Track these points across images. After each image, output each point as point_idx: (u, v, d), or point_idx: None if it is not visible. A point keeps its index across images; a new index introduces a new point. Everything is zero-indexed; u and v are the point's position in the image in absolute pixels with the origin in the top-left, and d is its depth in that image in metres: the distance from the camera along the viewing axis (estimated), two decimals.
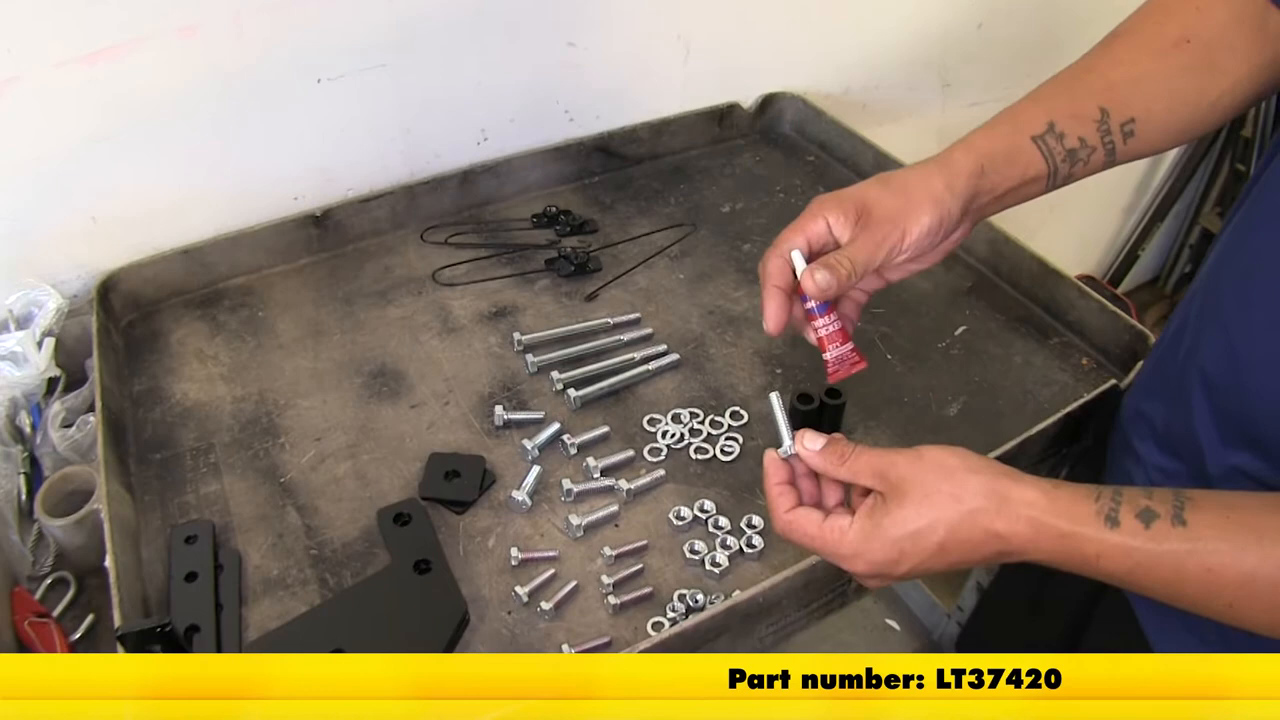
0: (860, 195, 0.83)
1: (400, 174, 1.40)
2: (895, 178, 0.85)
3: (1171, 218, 2.92)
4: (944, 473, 0.72)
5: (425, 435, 1.09)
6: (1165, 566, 0.67)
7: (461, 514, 1.00)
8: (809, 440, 0.78)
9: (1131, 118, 0.86)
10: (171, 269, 1.25)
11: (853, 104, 1.81)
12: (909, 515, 0.71)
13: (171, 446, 1.07)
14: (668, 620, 0.90)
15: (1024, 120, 0.86)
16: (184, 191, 1.26)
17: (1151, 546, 0.67)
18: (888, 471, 0.73)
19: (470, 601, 0.92)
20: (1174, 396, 0.89)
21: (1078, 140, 0.85)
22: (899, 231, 0.81)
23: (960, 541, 0.71)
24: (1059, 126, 0.84)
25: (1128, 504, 0.68)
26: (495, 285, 1.29)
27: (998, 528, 0.70)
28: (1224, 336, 0.81)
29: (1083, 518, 0.69)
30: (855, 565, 0.75)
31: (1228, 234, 0.87)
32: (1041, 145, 0.84)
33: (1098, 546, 0.68)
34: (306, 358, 1.18)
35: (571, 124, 1.51)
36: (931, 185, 0.82)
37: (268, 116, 1.26)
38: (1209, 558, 0.66)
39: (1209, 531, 0.66)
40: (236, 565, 0.95)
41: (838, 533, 0.74)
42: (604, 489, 1.02)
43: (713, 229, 1.42)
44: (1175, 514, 0.67)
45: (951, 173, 0.83)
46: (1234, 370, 0.80)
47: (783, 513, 0.77)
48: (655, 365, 1.16)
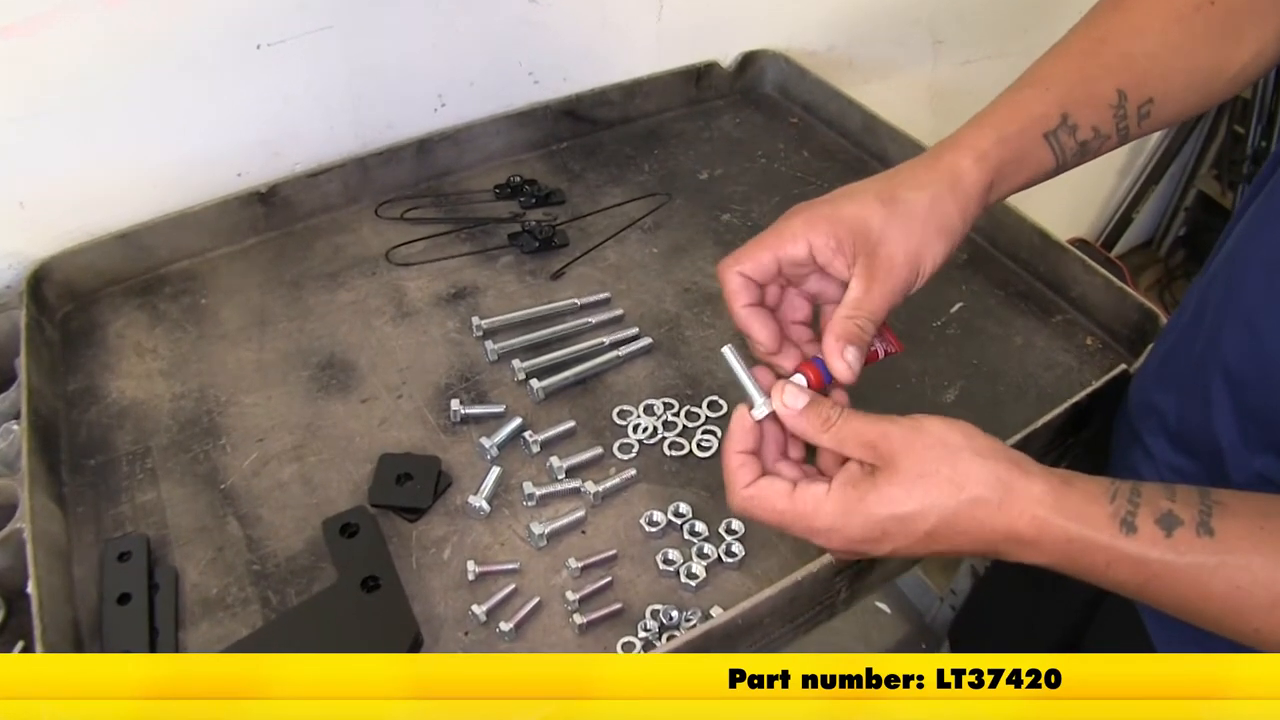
0: (857, 220, 0.70)
1: (351, 145, 1.31)
2: (900, 199, 0.71)
3: (1166, 180, 2.86)
4: (945, 452, 0.63)
5: (376, 433, 1.01)
6: (1186, 582, 0.59)
7: (414, 521, 0.92)
8: (790, 395, 0.67)
9: (1149, 98, 0.76)
10: (108, 255, 1.16)
11: (838, 62, 1.72)
12: (898, 495, 0.62)
13: (107, 451, 0.99)
14: (639, 640, 0.83)
15: (1036, 113, 0.75)
16: (118, 172, 1.17)
17: (1172, 558, 0.59)
18: (879, 443, 0.64)
19: (424, 621, 0.84)
20: (1190, 389, 0.80)
21: (1091, 131, 0.75)
22: (914, 274, 0.70)
23: (953, 533, 0.63)
24: (1073, 118, 0.75)
25: (1147, 506, 0.60)
26: (454, 264, 1.21)
27: (997, 523, 0.62)
28: (1249, 329, 0.73)
29: (1094, 520, 0.60)
30: (830, 540, 0.65)
31: (1251, 216, 0.78)
32: (1053, 142, 0.75)
33: (1109, 555, 0.60)
34: (251, 349, 1.10)
35: (536, 86, 1.41)
36: (943, 212, 0.71)
37: (204, 88, 1.17)
38: (1238, 574, 0.58)
39: (1240, 544, 0.58)
40: (173, 584, 0.87)
41: (811, 503, 0.64)
42: (569, 491, 0.94)
43: (689, 198, 1.33)
44: (1201, 521, 0.59)
45: (965, 195, 0.72)
46: (1261, 366, 0.72)
47: (741, 488, 0.67)
48: (626, 350, 1.08)
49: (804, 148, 1.43)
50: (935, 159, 0.74)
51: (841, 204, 0.71)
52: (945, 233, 0.71)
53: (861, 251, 0.70)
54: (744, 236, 1.24)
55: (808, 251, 0.70)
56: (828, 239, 0.70)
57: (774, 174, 1.38)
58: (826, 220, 0.70)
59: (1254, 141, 2.60)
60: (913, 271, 0.70)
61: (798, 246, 0.70)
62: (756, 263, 0.71)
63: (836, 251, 0.70)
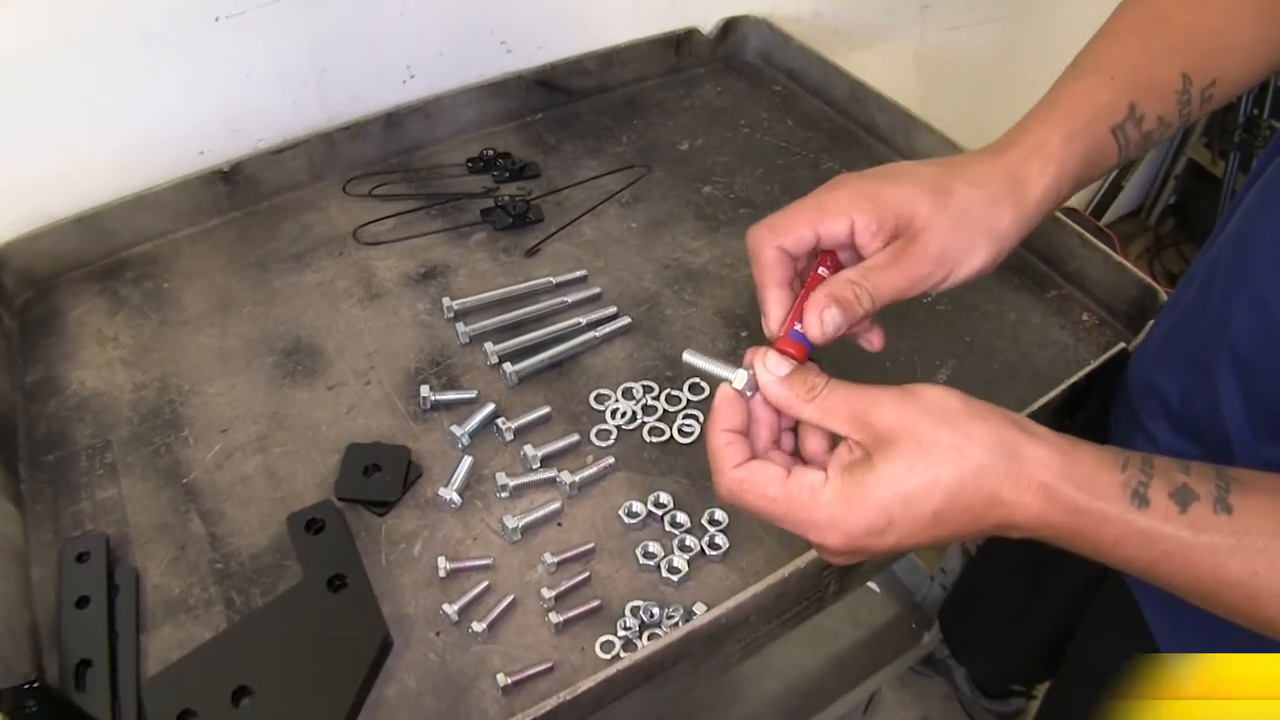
0: (904, 205, 0.65)
1: (317, 120, 1.26)
2: (954, 191, 0.65)
3: (1156, 148, 2.80)
4: (943, 417, 0.57)
5: (344, 421, 0.97)
6: (1200, 563, 0.55)
7: (383, 515, 0.89)
8: (773, 362, 0.61)
9: (1213, 80, 0.71)
10: (67, 239, 1.12)
11: (823, 28, 1.67)
12: (899, 471, 0.56)
13: (66, 445, 0.95)
14: (618, 639, 0.79)
15: (1104, 105, 0.69)
16: (75, 152, 1.13)
17: (1186, 535, 0.54)
18: (869, 414, 0.58)
19: (393, 622, 0.80)
20: (1195, 371, 0.76)
21: (1156, 120, 0.70)
22: (943, 274, 0.65)
23: (960, 509, 0.57)
24: (1140, 108, 0.69)
25: (1160, 478, 0.55)
26: (424, 242, 1.16)
27: (1004, 493, 0.56)
28: (1261, 310, 0.68)
29: (1105, 490, 0.55)
30: (828, 538, 0.58)
31: (1259, 190, 0.73)
32: (1120, 136, 0.69)
33: (1119, 529, 0.55)
34: (214, 335, 1.06)
35: (509, 56, 1.37)
36: (998, 220, 0.66)
37: (161, 62, 1.12)
38: (1256, 558, 0.53)
39: (1260, 524, 0.54)
40: (134, 586, 0.84)
41: (808, 493, 0.58)
42: (545, 482, 0.90)
43: (669, 170, 1.28)
44: (1219, 497, 0.54)
45: (1025, 201, 0.67)
46: (1273, 352, 0.67)
47: (730, 468, 0.60)
48: (604, 331, 1.03)
49: (788, 117, 1.39)
50: (1000, 154, 0.68)
51: (890, 185, 0.66)
52: (993, 238, 0.66)
53: (899, 236, 0.65)
54: (726, 209, 1.21)
55: (849, 230, 0.65)
56: (870, 220, 0.65)
57: (757, 144, 1.33)
58: (872, 201, 0.65)
59: (1246, 109, 2.55)
60: (942, 270, 0.65)
61: (839, 224, 0.65)
62: (797, 237, 0.65)
63: (876, 234, 0.65)
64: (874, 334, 0.71)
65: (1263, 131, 2.52)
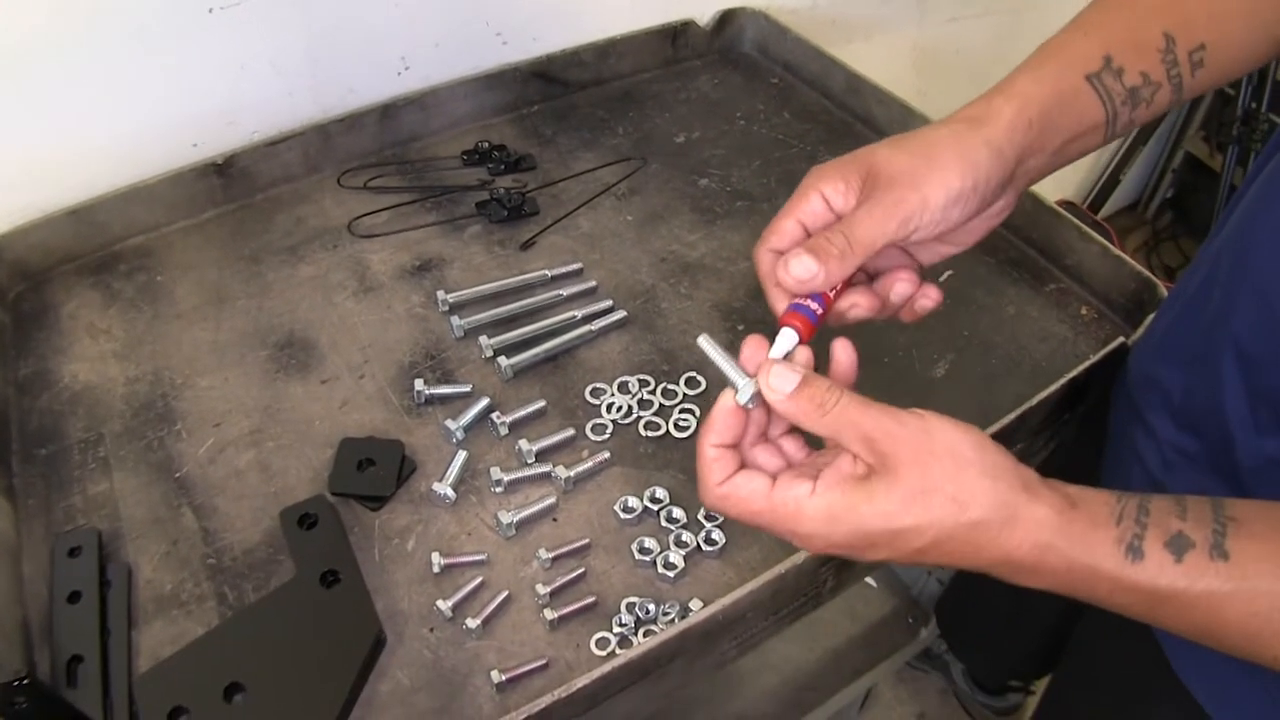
0: (865, 158, 0.66)
1: (311, 112, 1.25)
2: (914, 136, 0.67)
3: (1154, 141, 2.82)
4: (953, 467, 0.56)
5: (337, 416, 0.96)
6: (1199, 610, 0.54)
7: (377, 510, 0.88)
8: (777, 378, 0.60)
9: (1201, 43, 0.70)
10: (60, 232, 1.11)
11: (820, 20, 1.66)
12: (895, 510, 0.56)
13: (58, 440, 0.95)
14: (614, 635, 0.78)
15: (1074, 55, 0.69)
16: (68, 145, 1.12)
17: (1183, 585, 0.54)
18: (880, 441, 0.57)
19: (387, 618, 0.80)
20: (1197, 364, 0.75)
21: (1139, 76, 0.69)
22: (916, 197, 0.63)
23: (946, 552, 0.57)
24: (1116, 61, 0.68)
25: (1155, 528, 0.55)
26: (419, 235, 1.16)
27: (994, 549, 0.56)
28: (1264, 303, 0.67)
29: (1098, 546, 0.55)
30: (811, 544, 0.59)
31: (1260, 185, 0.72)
32: (1098, 85, 0.68)
33: (1113, 584, 0.55)
34: (207, 328, 1.05)
35: (505, 47, 1.35)
36: (964, 142, 0.65)
37: (155, 54, 1.11)
38: (1256, 602, 0.53)
39: (1257, 567, 0.53)
40: (125, 581, 0.83)
41: (793, 505, 0.58)
42: (540, 476, 0.89)
43: (665, 162, 1.27)
44: (1215, 543, 0.54)
45: (991, 127, 0.65)
46: (1277, 344, 0.67)
47: (714, 485, 0.60)
48: (599, 325, 1.03)
49: (785, 109, 1.38)
50: (962, 109, 0.68)
51: (853, 153, 0.67)
52: (961, 160, 0.65)
53: (866, 185, 0.65)
54: (723, 202, 1.20)
55: (823, 202, 0.66)
56: (836, 183, 0.65)
57: (754, 136, 1.33)
58: (835, 167, 0.66)
59: (1244, 103, 2.54)
60: (912, 194, 0.64)
61: (810, 200, 0.66)
62: (781, 233, 0.67)
63: (846, 194, 0.65)
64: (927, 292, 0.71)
65: (1261, 125, 2.51)
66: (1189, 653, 0.85)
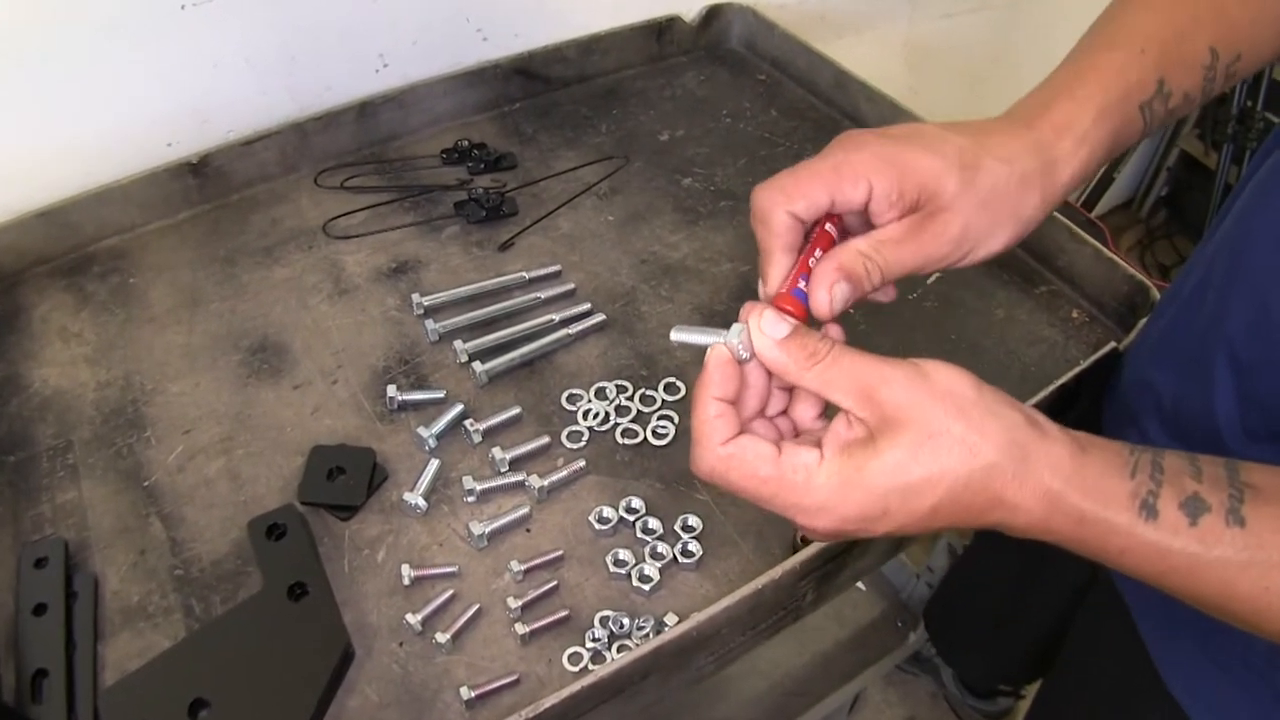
0: (931, 177, 0.60)
1: (288, 110, 1.23)
2: (983, 174, 0.61)
3: (1148, 139, 2.75)
4: (956, 405, 0.53)
5: (309, 422, 0.94)
6: (1210, 578, 0.52)
7: (347, 520, 0.86)
8: (769, 322, 0.55)
9: (1239, 54, 0.68)
10: (31, 234, 1.09)
11: (809, 15, 1.63)
12: (903, 460, 0.52)
13: (27, 446, 0.93)
14: (586, 650, 0.77)
15: (1134, 83, 0.66)
16: (39, 145, 1.10)
17: (1197, 550, 0.51)
18: (877, 390, 0.53)
19: (356, 631, 0.78)
20: (1190, 368, 0.74)
21: (1182, 97, 0.67)
22: (961, 254, 0.61)
23: (960, 506, 0.53)
24: (1168, 85, 0.66)
25: (1170, 485, 0.52)
26: (395, 236, 1.14)
27: (1008, 495, 0.52)
28: (1259, 306, 0.66)
29: (1112, 498, 0.52)
30: (816, 521, 0.54)
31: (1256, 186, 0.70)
32: (1146, 113, 0.66)
33: (1126, 540, 0.52)
34: (180, 331, 1.03)
35: (485, 44, 1.33)
36: (1026, 203, 0.63)
37: (127, 52, 1.09)
38: (1269, 575, 0.50)
39: (1274, 539, 0.50)
40: (92, 592, 0.81)
41: (802, 474, 0.53)
42: (513, 485, 0.88)
43: (648, 161, 1.25)
44: (1231, 508, 0.51)
45: (1054, 183, 0.63)
46: (1270, 349, 0.65)
47: (718, 444, 0.55)
48: (577, 328, 1.01)
49: (772, 106, 1.36)
50: (1029, 128, 0.64)
51: (915, 151, 0.61)
52: (1017, 221, 0.63)
53: (921, 208, 0.61)
54: (706, 201, 1.18)
55: (867, 196, 0.60)
56: (891, 187, 0.60)
57: (740, 134, 1.31)
58: (896, 168, 0.60)
59: (1239, 101, 2.53)
60: (961, 251, 0.61)
61: (858, 189, 0.60)
62: (811, 202, 0.60)
63: (895, 204, 0.60)
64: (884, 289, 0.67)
65: (1256, 123, 2.49)
66: (1178, 662, 0.84)
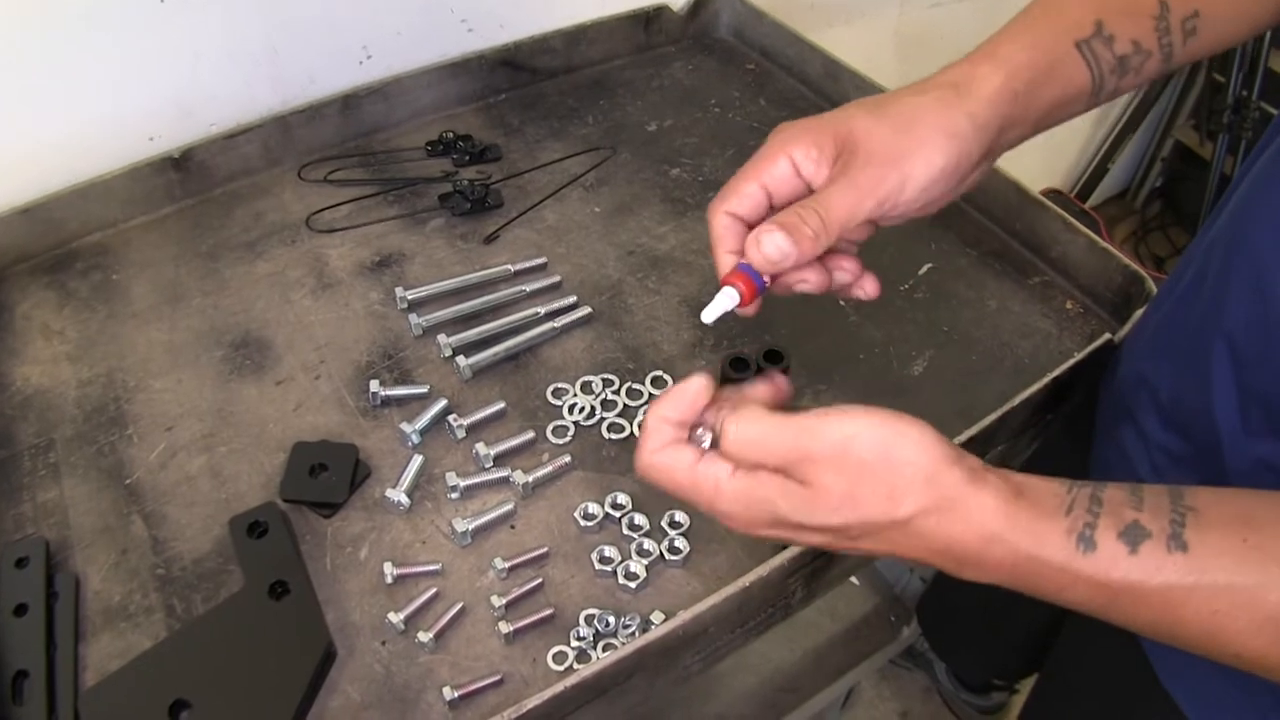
0: (842, 124, 0.62)
1: (270, 103, 1.22)
2: (894, 103, 0.63)
3: (1143, 129, 2.78)
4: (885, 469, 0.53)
5: (291, 418, 0.93)
6: (1156, 605, 0.51)
7: (330, 517, 0.85)
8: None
9: (1195, 10, 0.68)
10: (13, 231, 1.08)
11: (798, 3, 1.62)
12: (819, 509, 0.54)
13: (9, 445, 0.92)
14: (572, 649, 0.76)
15: (1064, 19, 0.66)
16: (19, 140, 1.09)
17: (1138, 579, 0.50)
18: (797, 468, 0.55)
19: (338, 630, 0.77)
20: (1187, 362, 0.73)
21: (1130, 44, 0.67)
22: (897, 176, 0.61)
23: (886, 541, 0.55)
24: (1108, 27, 0.66)
25: (1109, 517, 0.51)
26: (379, 229, 1.12)
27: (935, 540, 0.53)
28: (1259, 300, 0.64)
29: (1046, 537, 0.51)
30: (735, 525, 0.59)
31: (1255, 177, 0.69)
32: (1087, 53, 0.66)
33: (1063, 577, 0.52)
34: (162, 328, 1.02)
35: (470, 35, 1.32)
36: (948, 116, 0.62)
37: (107, 45, 1.08)
38: (1215, 598, 0.49)
39: (1218, 561, 0.49)
40: (73, 592, 0.81)
41: (712, 483, 0.57)
42: (497, 482, 0.86)
43: (635, 152, 1.24)
44: (1172, 533, 0.50)
45: (975, 98, 0.63)
46: (1269, 342, 0.64)
47: (648, 452, 0.59)
48: (563, 321, 1.00)
49: (761, 96, 1.34)
50: (943, 71, 0.66)
51: (827, 115, 0.64)
52: (946, 136, 0.62)
53: (842, 155, 0.62)
54: (694, 192, 1.17)
55: (791, 167, 0.63)
56: (808, 148, 0.62)
57: (728, 124, 1.29)
58: (805, 130, 0.63)
59: (1235, 90, 2.51)
60: (894, 173, 0.61)
61: (778, 164, 0.63)
62: (740, 195, 0.63)
63: (820, 161, 0.62)
64: (866, 281, 0.68)
65: (1252, 113, 2.48)
66: (1174, 660, 0.82)
